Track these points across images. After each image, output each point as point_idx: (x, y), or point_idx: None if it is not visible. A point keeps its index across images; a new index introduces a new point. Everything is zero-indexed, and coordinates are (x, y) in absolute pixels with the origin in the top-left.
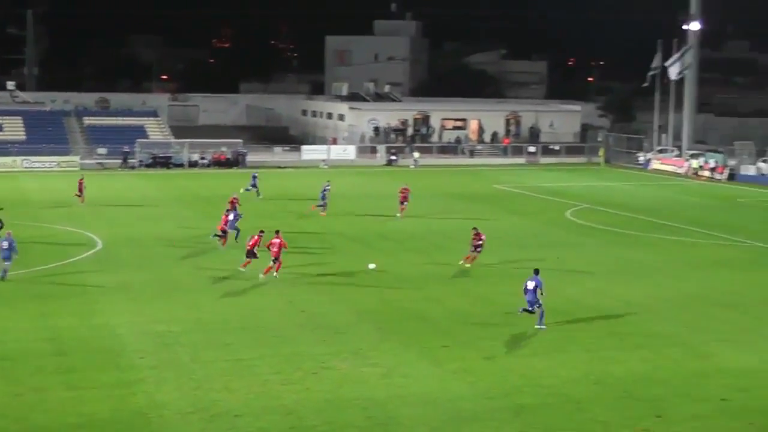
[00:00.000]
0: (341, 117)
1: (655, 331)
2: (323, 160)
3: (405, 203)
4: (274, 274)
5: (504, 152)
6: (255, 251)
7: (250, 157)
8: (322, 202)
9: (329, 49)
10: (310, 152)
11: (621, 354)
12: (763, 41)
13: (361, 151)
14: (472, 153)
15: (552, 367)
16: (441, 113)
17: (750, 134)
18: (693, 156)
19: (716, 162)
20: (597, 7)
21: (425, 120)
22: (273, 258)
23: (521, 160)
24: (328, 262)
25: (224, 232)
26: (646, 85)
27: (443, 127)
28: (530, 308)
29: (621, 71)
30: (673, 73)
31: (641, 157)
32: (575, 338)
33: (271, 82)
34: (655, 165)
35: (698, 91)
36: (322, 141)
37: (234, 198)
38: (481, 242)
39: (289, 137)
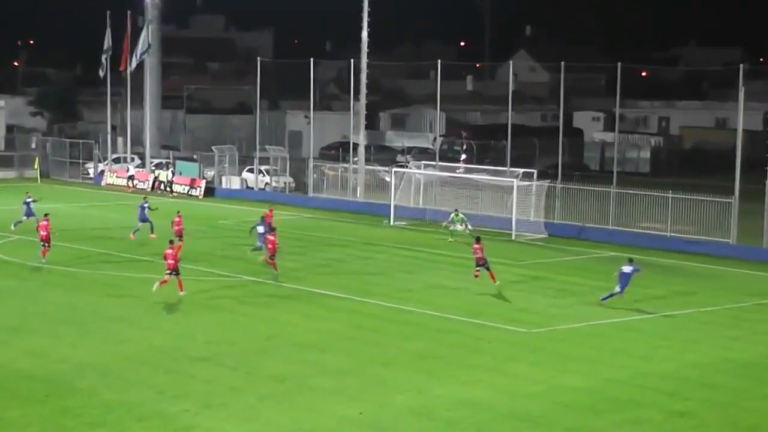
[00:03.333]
0: None
1: (116, 401)
2: None
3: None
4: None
5: None
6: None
7: None
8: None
9: None
10: None
11: None
12: (241, 17)
13: None
14: None
15: None
16: None
17: (231, 135)
18: (159, 166)
19: (181, 173)
20: None
21: None
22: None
23: None
24: None
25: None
26: (103, 74)
27: None
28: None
29: (58, 54)
30: (134, 60)
31: (91, 170)
32: (6, 419)
33: None
34: (111, 179)
35: (163, 81)
36: None
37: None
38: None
39: None
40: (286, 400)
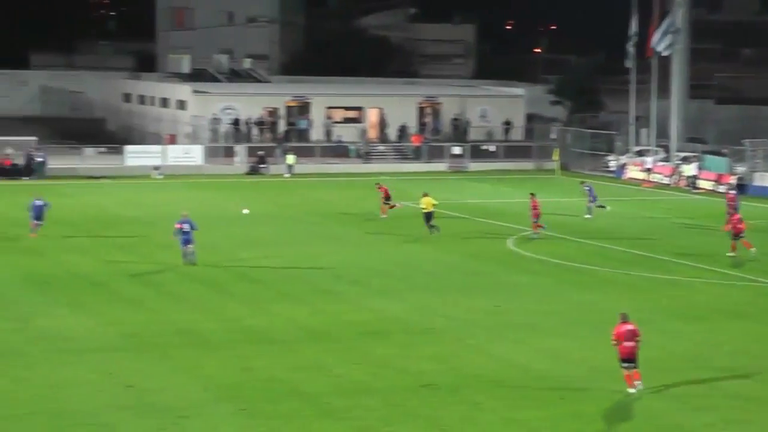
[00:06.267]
0: (181, 104)
1: (645, 412)
2: (156, 167)
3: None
4: None
5: (416, 155)
6: None
7: (52, 162)
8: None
9: (161, 7)
10: (136, 155)
11: None
12: None
13: (212, 153)
14: (370, 156)
15: None
16: (325, 99)
17: (763, 128)
18: (685, 160)
19: (710, 168)
20: None
21: (303, 109)
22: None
23: (442, 166)
24: (167, 313)
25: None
26: (629, 63)
27: (330, 119)
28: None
29: (581, 40)
30: (661, 45)
31: (612, 162)
32: (518, 420)
33: (76, 53)
34: (632, 172)
35: (691, 69)
36: (155, 139)
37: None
38: None
39: (106, 133)
40: None
